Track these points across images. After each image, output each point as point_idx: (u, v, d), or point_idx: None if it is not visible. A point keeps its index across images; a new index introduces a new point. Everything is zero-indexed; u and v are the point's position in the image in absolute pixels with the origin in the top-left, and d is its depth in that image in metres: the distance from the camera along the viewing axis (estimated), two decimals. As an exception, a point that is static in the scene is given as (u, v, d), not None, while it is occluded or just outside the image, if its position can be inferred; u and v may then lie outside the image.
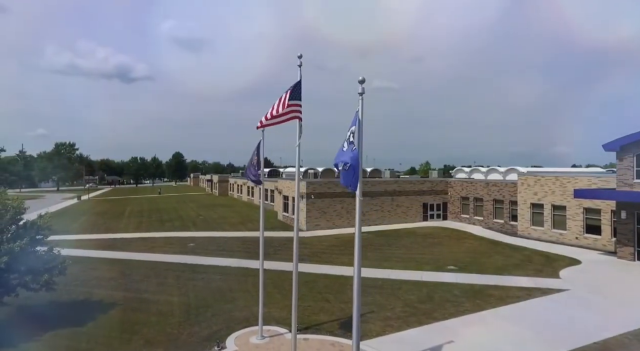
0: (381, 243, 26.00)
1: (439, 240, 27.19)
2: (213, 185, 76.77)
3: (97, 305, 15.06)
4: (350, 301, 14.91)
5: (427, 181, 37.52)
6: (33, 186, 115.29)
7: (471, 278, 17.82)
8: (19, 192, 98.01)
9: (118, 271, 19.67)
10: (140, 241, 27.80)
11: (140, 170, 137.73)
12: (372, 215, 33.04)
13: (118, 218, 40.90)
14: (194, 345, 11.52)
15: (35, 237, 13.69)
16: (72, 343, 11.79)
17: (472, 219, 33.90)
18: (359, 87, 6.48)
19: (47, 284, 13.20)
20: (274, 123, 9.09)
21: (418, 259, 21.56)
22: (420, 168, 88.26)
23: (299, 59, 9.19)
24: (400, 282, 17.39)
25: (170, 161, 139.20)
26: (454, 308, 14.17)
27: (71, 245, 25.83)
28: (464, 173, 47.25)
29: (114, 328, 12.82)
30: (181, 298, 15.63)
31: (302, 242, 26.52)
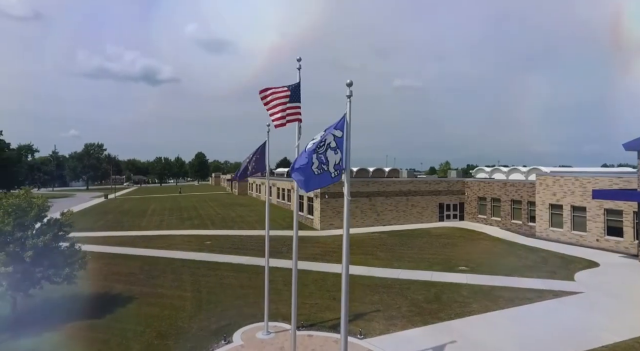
0: (394, 243, 25.98)
1: (453, 241, 26.91)
2: (233, 184, 78.18)
3: (115, 298, 15.82)
4: (357, 300, 15.20)
5: (444, 181, 37.08)
6: (65, 185, 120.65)
7: (481, 279, 17.64)
8: (51, 190, 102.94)
9: (137, 267, 20.52)
10: (160, 238, 28.79)
11: (164, 170, 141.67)
12: (387, 215, 32.99)
13: (141, 216, 42.38)
14: (203, 339, 11.99)
15: (58, 233, 14.52)
16: (91, 333, 12.50)
17: (490, 220, 33.30)
18: (347, 90, 6.69)
19: (68, 278, 14.01)
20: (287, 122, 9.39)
21: (429, 259, 21.46)
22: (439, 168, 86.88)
23: (298, 62, 9.47)
24: (409, 282, 17.41)
25: (193, 161, 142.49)
26: (461, 309, 14.12)
27: (96, 241, 27.13)
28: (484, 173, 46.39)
29: (129, 320, 13.48)
30: (194, 294, 16.21)
31: (314, 241, 26.86)
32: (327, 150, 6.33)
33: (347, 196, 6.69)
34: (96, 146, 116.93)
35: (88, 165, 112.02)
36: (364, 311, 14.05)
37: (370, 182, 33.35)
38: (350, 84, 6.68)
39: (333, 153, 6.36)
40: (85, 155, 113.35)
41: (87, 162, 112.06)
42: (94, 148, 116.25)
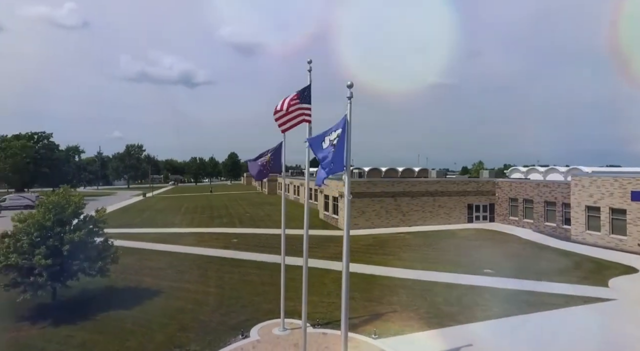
0: (418, 244, 25.64)
1: (480, 243, 26.18)
2: (263, 184, 79.67)
3: (144, 291, 16.70)
4: (375, 300, 15.23)
5: (473, 181, 36.06)
6: (108, 184, 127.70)
7: (506, 282, 17.11)
8: (96, 189, 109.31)
9: (167, 263, 21.51)
10: (191, 236, 29.94)
11: (199, 170, 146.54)
12: (413, 215, 32.55)
13: (175, 214, 44.17)
14: (222, 333, 12.47)
15: (93, 229, 15.56)
16: (119, 323, 13.32)
17: (522, 222, 32.05)
18: (348, 92, 6.81)
19: (101, 271, 15.01)
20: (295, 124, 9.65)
21: (453, 261, 21.03)
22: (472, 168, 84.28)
23: (308, 64, 9.68)
24: (430, 283, 17.19)
25: (226, 161, 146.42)
26: (481, 313, 13.82)
27: (132, 238, 28.63)
28: (519, 173, 44.66)
29: (155, 313, 14.23)
30: (217, 289, 16.83)
31: (337, 241, 26.97)
32: (330, 147, 6.50)
33: (348, 195, 6.82)
34: (136, 147, 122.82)
35: (129, 165, 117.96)
36: (380, 312, 14.07)
37: (395, 182, 33.04)
38: (350, 85, 6.81)
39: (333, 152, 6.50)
40: (126, 156, 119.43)
41: (128, 162, 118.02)
42: (134, 148, 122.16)
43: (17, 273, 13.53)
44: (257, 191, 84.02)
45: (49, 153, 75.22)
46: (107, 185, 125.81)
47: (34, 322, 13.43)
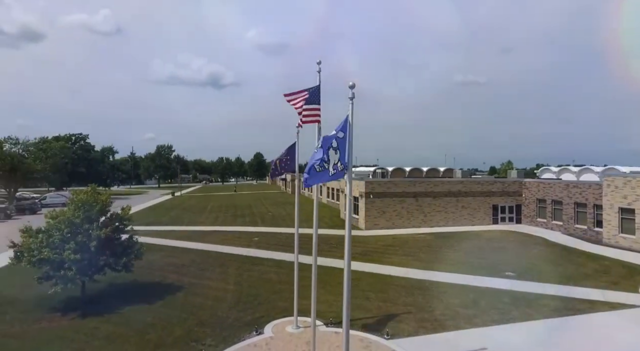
0: (439, 245, 25.23)
1: (504, 245, 25.44)
2: (287, 183, 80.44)
3: (167, 287, 17.35)
4: (390, 301, 15.18)
5: (498, 181, 35.01)
6: (140, 183, 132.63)
7: (528, 286, 16.60)
8: (129, 187, 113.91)
9: (190, 260, 22.21)
10: (214, 234, 30.74)
11: (225, 169, 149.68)
12: (435, 216, 32.00)
13: (201, 212, 45.42)
14: (237, 329, 12.81)
15: (119, 226, 16.30)
16: (142, 317, 13.92)
17: (550, 224, 30.85)
18: (350, 92, 6.88)
19: (125, 266, 15.72)
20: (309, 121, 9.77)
21: (474, 263, 20.58)
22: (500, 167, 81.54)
23: (318, 65, 9.79)
24: (447, 285, 16.93)
25: (251, 161, 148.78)
26: (498, 316, 13.50)
27: (159, 235, 29.72)
28: (550, 173, 43.09)
29: (176, 308, 14.77)
30: (236, 287, 17.25)
31: (356, 241, 26.95)
32: (329, 149, 6.58)
33: (349, 195, 6.89)
34: (166, 147, 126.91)
35: (159, 165, 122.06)
36: (395, 312, 14.01)
37: (417, 182, 32.60)
38: (352, 86, 6.87)
39: (334, 153, 6.58)
40: (157, 156, 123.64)
41: (159, 162, 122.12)
42: (164, 149, 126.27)
43: (49, 266, 14.36)
44: (281, 190, 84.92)
45: (85, 154, 79.10)
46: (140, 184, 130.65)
47: (65, 313, 14.25)
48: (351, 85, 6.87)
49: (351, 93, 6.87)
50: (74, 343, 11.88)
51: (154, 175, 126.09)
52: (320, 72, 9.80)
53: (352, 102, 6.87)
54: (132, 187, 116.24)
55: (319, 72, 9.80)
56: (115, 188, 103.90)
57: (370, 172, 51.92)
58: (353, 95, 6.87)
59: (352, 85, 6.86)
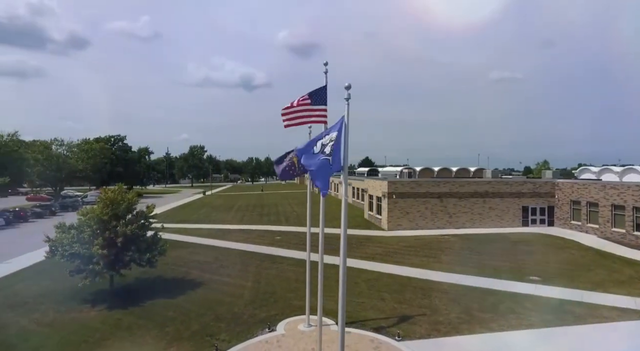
0: (462, 248, 24.59)
1: (532, 248, 24.41)
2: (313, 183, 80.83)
3: (189, 282, 17.99)
4: (406, 302, 15.03)
5: (528, 182, 33.58)
6: (175, 182, 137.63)
7: (553, 291, 15.90)
8: (164, 187, 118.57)
9: (213, 257, 22.90)
10: (239, 232, 31.48)
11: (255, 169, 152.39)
12: (460, 217, 31.16)
13: (228, 211, 46.59)
14: (251, 325, 13.13)
15: (144, 224, 17.09)
16: (163, 310, 14.54)
17: (585, 227, 29.27)
18: (345, 93, 6.93)
19: (149, 262, 16.46)
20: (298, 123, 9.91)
21: (498, 266, 19.92)
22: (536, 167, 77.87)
23: (324, 66, 9.88)
24: (467, 288, 16.52)
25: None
26: (517, 321, 13.04)
27: (187, 232, 30.84)
28: (590, 173, 40.84)
29: (195, 303, 15.31)
30: (254, 284, 17.63)
31: (377, 241, 26.78)
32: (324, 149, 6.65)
33: (345, 195, 6.94)
34: (198, 148, 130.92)
35: (192, 164, 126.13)
36: (409, 314, 13.86)
37: (441, 182, 31.88)
38: (348, 87, 6.91)
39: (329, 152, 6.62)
40: (190, 156, 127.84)
41: (191, 162, 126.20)
42: (197, 149, 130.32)
43: (80, 261, 15.30)
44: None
45: (123, 155, 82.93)
46: (174, 183, 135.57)
47: (94, 305, 15.13)
48: (347, 86, 6.92)
49: (347, 94, 6.92)
50: (98, 333, 12.60)
51: (187, 175, 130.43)
52: (327, 73, 9.87)
53: (348, 103, 6.92)
54: (166, 186, 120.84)
55: (326, 73, 9.87)
56: (151, 187, 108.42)
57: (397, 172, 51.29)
58: (349, 96, 6.92)
59: (348, 86, 6.91)
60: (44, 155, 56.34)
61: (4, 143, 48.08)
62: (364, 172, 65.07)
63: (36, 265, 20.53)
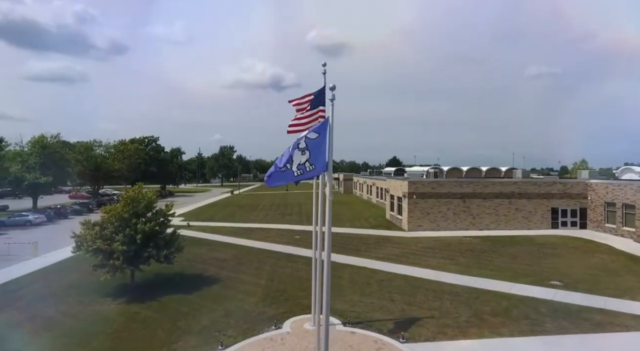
0: (483, 250, 23.85)
1: (558, 251, 23.30)
2: (339, 183, 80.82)
3: (206, 279, 18.57)
4: (415, 304, 14.86)
5: (558, 183, 31.99)
6: (206, 182, 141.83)
7: (573, 297, 15.16)
8: (195, 185, 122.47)
9: (232, 255, 23.48)
10: (260, 231, 32.05)
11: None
12: (485, 218, 30.18)
13: (252, 210, 47.48)
14: (259, 322, 13.41)
15: (163, 222, 17.78)
16: (178, 305, 15.12)
17: (620, 230, 27.56)
18: (330, 94, 6.97)
19: (167, 258, 17.12)
20: (301, 129, 10.04)
21: (517, 270, 19.20)
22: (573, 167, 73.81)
23: (323, 67, 9.94)
24: (480, 291, 16.06)
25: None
26: (529, 327, 12.56)
27: (211, 230, 31.77)
28: (633, 173, 38.39)
29: (208, 299, 15.81)
30: (267, 282, 17.95)
31: (396, 242, 26.46)
32: (294, 151, 6.72)
33: (329, 196, 7.00)
34: (228, 148, 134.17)
35: (222, 164, 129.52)
36: (417, 316, 13.68)
37: (464, 183, 31.00)
38: (333, 87, 6.96)
39: (300, 154, 6.70)
40: (220, 156, 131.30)
41: (221, 161, 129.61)
42: (227, 149, 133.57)
43: (102, 256, 16.16)
44: (334, 190, 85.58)
45: (156, 155, 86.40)
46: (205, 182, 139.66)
47: (115, 298, 15.95)
48: (331, 87, 6.96)
49: (331, 95, 6.96)
50: (115, 324, 13.30)
51: (217, 174, 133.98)
52: (325, 74, 9.93)
53: (333, 104, 6.96)
54: (198, 185, 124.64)
55: (324, 74, 9.93)
56: (183, 186, 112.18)
57: (424, 171, 50.40)
58: (333, 97, 6.97)
59: (333, 87, 6.96)
60: (84, 155, 59.69)
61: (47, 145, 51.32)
62: (391, 171, 64.43)
63: (68, 259, 21.84)
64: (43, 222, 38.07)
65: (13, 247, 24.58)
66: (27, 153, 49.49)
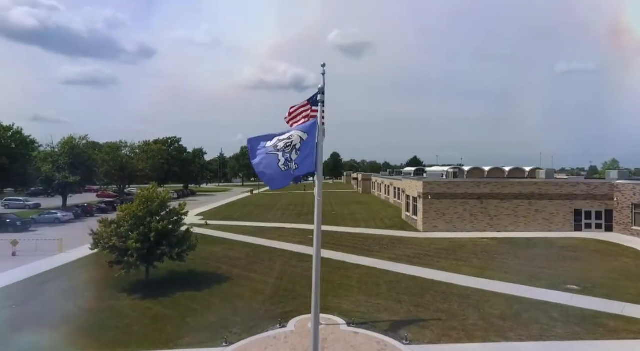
0: (499, 252, 23.25)
1: (579, 255, 22.43)
2: (358, 183, 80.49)
3: (217, 277, 18.94)
4: (422, 306, 14.72)
5: (582, 183, 30.73)
6: (227, 181, 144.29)
7: (589, 302, 14.59)
8: (217, 185, 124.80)
9: (245, 253, 23.84)
10: (275, 230, 32.37)
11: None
12: (503, 220, 29.38)
13: (269, 209, 47.97)
14: (264, 320, 13.59)
15: (176, 220, 18.27)
16: (188, 302, 15.51)
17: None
18: (318, 96, 7.02)
19: (179, 256, 17.60)
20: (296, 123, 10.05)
21: (533, 273, 18.63)
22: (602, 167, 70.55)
23: (322, 67, 9.96)
24: (491, 294, 15.70)
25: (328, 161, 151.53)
26: (538, 332, 12.21)
27: (228, 229, 32.35)
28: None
29: (218, 296, 16.13)
30: (276, 281, 18.14)
31: (409, 243, 26.16)
32: (292, 150, 6.79)
33: (318, 196, 7.06)
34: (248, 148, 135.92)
35: (243, 164, 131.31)
36: (423, 318, 13.53)
37: (481, 183, 30.27)
38: (321, 89, 7.00)
39: (295, 154, 6.76)
40: (241, 156, 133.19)
41: (242, 161, 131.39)
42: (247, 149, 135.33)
43: (117, 253, 16.77)
44: (353, 190, 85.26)
45: (179, 155, 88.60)
46: (227, 182, 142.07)
47: (130, 294, 16.51)
48: (320, 87, 7.01)
49: (319, 97, 7.00)
50: (127, 319, 13.78)
51: (238, 174, 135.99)
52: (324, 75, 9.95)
53: (320, 106, 7.00)
54: (219, 185, 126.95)
55: (324, 75, 9.95)
56: (204, 186, 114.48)
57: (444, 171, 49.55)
58: (322, 99, 7.00)
59: (321, 88, 7.00)
60: (110, 156, 61.93)
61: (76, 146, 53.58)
62: (411, 171, 63.61)
63: (90, 255, 22.67)
64: (70, 220, 39.71)
65: (41, 243, 25.84)
66: (57, 153, 51.78)
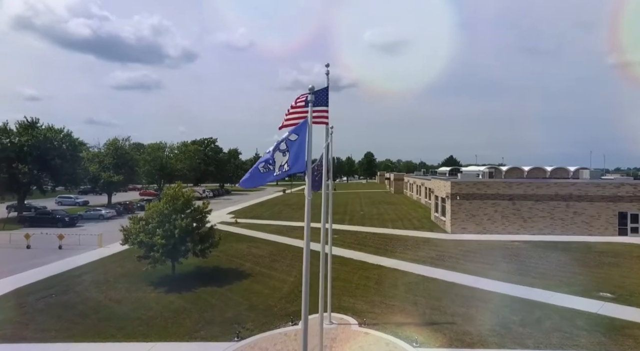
0: (530, 255, 22.13)
1: (619, 260, 20.88)
2: (390, 183, 79.40)
3: (239, 274, 19.48)
4: (439, 309, 14.46)
5: (627, 184, 28.49)
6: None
7: (622, 311, 13.60)
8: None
9: (268, 251, 24.31)
10: (301, 229, 32.63)
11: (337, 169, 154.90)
12: (537, 222, 27.89)
13: (299, 209, 48.47)
14: (277, 317, 13.84)
15: (201, 218, 18.98)
16: (209, 297, 16.07)
17: (703, 238, 23.96)
18: (308, 96, 7.09)
19: (202, 252, 18.29)
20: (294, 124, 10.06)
21: (564, 278, 17.61)
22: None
23: (326, 67, 10.02)
24: (514, 299, 15.03)
25: (362, 160, 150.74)
26: (560, 340, 11.56)
27: (256, 228, 33.14)
28: None
29: (237, 292, 16.60)
30: (295, 279, 18.37)
31: (435, 244, 25.53)
32: (275, 151, 6.87)
33: (308, 196, 7.14)
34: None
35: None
36: (438, 321, 13.21)
37: (513, 183, 28.89)
38: (312, 89, 7.07)
39: (281, 156, 6.85)
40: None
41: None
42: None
43: (145, 248, 17.69)
44: (386, 190, 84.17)
45: (215, 156, 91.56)
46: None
47: (156, 288, 17.35)
48: (310, 88, 7.09)
49: (310, 97, 7.08)
50: (150, 312, 14.52)
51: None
52: (328, 74, 10.00)
53: (310, 106, 7.07)
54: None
55: (327, 74, 10.00)
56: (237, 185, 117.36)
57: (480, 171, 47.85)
58: (312, 99, 7.08)
59: (312, 88, 7.08)
60: (151, 156, 65.26)
61: (120, 147, 57.02)
62: (446, 171, 61.93)
63: (125, 250, 24.06)
64: (113, 216, 42.26)
65: (84, 237, 27.75)
66: (103, 154, 55.28)
